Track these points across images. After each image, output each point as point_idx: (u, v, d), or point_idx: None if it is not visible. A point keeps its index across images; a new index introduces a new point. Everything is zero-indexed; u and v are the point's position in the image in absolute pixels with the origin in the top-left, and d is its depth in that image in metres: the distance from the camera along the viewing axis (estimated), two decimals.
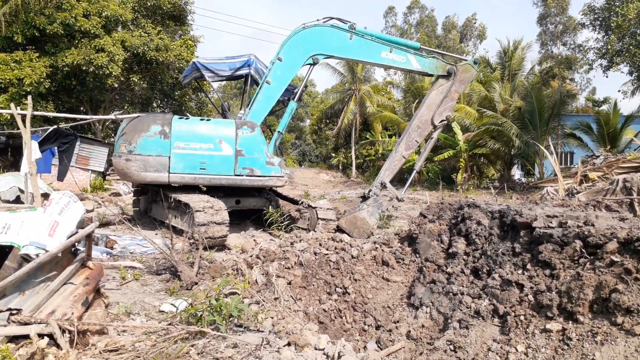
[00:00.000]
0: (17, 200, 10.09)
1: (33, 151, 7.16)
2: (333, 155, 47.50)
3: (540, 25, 50.21)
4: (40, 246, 3.83)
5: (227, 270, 6.20)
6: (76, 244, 4.36)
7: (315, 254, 6.60)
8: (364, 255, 6.60)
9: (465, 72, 11.33)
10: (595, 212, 5.55)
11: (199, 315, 4.08)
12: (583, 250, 4.29)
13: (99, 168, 22.56)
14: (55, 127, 10.37)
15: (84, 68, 20.58)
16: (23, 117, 6.82)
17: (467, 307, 4.74)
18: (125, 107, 26.66)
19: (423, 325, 5.05)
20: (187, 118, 10.16)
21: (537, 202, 7.94)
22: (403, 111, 38.14)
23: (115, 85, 23.75)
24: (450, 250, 5.89)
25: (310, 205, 10.55)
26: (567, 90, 37.15)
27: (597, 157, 20.89)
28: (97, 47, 20.68)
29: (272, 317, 4.71)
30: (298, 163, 56.00)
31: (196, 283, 5.74)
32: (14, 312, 3.33)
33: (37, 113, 9.69)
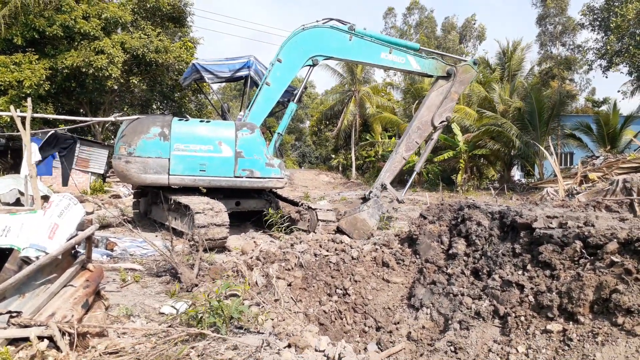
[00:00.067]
0: (17, 202, 10.09)
1: (33, 153, 7.16)
2: (333, 156, 47.45)
3: (540, 25, 50.34)
4: (40, 248, 3.83)
5: (227, 272, 6.19)
6: (76, 246, 4.36)
7: (315, 255, 6.60)
8: (364, 256, 6.60)
9: (465, 73, 11.34)
10: (595, 213, 5.55)
11: (199, 317, 4.07)
12: (583, 250, 4.29)
13: (99, 170, 22.56)
14: (54, 131, 10.39)
15: (83, 70, 20.60)
16: (23, 119, 6.82)
17: (467, 308, 4.74)
18: (125, 109, 26.68)
19: (423, 327, 5.05)
20: (187, 120, 10.16)
21: (537, 202, 7.95)
22: (403, 112, 38.11)
23: (115, 87, 23.75)
24: (450, 251, 5.89)
25: (310, 207, 10.54)
26: (567, 90, 37.13)
27: (597, 157, 20.87)
28: (96, 49, 20.71)
29: (273, 319, 4.71)
30: (298, 164, 55.95)
31: (196, 285, 5.73)
32: (14, 314, 3.33)
33: (36, 115, 9.68)
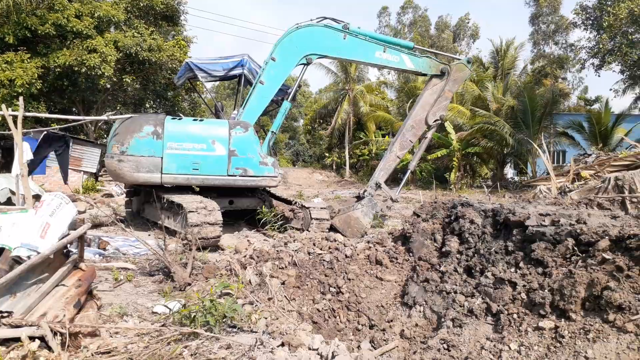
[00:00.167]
0: (9, 201, 10.03)
1: (24, 152, 7.12)
2: (327, 155, 47.40)
3: (533, 24, 50.57)
4: (31, 248, 3.81)
5: (221, 271, 6.18)
6: (68, 245, 4.34)
7: (309, 253, 6.61)
8: (358, 254, 6.61)
9: (458, 72, 11.38)
10: (587, 210, 5.59)
11: (192, 316, 4.06)
12: (575, 248, 4.32)
13: (91, 169, 22.45)
14: (45, 132, 10.33)
15: (76, 69, 20.45)
16: (14, 118, 6.78)
17: (460, 306, 4.76)
18: (118, 108, 26.53)
19: (416, 324, 5.06)
20: (180, 118, 10.12)
21: (529, 200, 7.99)
22: (396, 111, 38.18)
23: (108, 85, 23.61)
24: (443, 249, 5.91)
25: (303, 205, 10.54)
26: (560, 89, 37.35)
27: (589, 155, 21.02)
28: (89, 48, 20.55)
29: (266, 318, 4.71)
30: (292, 163, 55.86)
31: (189, 284, 5.71)
32: (5, 314, 3.31)
33: (28, 114, 9.62)
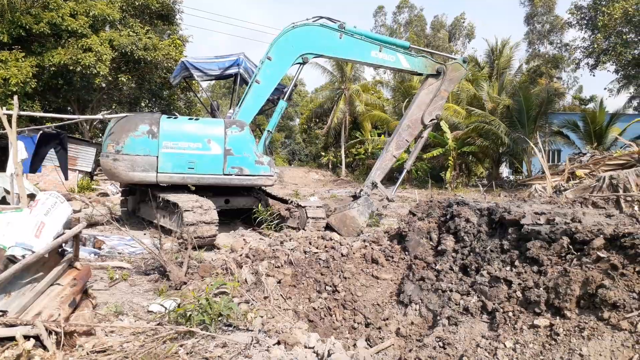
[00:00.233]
0: (3, 201, 9.98)
1: (19, 151, 7.08)
2: (323, 154, 47.40)
3: (528, 24, 50.77)
4: (26, 247, 3.79)
5: (217, 270, 6.18)
6: (63, 244, 4.32)
7: (305, 252, 6.61)
8: (354, 253, 6.62)
9: (454, 71, 11.41)
10: (582, 209, 5.61)
11: (187, 315, 4.06)
12: (570, 246, 4.34)
13: (87, 168, 22.38)
14: (41, 132, 10.28)
15: (71, 68, 20.37)
16: (9, 117, 6.73)
17: (456, 304, 4.77)
18: (113, 107, 26.42)
19: (412, 322, 5.08)
20: (176, 117, 10.09)
21: (525, 199, 8.01)
22: (392, 110, 38.25)
23: (103, 84, 23.53)
24: (439, 248, 5.92)
25: (299, 204, 10.54)
26: (555, 88, 37.47)
27: (584, 154, 21.09)
28: (84, 47, 20.48)
29: (262, 316, 4.70)
30: (288, 162, 55.77)
31: (185, 283, 5.71)
32: (0, 313, 3.30)
33: (23, 113, 9.55)
